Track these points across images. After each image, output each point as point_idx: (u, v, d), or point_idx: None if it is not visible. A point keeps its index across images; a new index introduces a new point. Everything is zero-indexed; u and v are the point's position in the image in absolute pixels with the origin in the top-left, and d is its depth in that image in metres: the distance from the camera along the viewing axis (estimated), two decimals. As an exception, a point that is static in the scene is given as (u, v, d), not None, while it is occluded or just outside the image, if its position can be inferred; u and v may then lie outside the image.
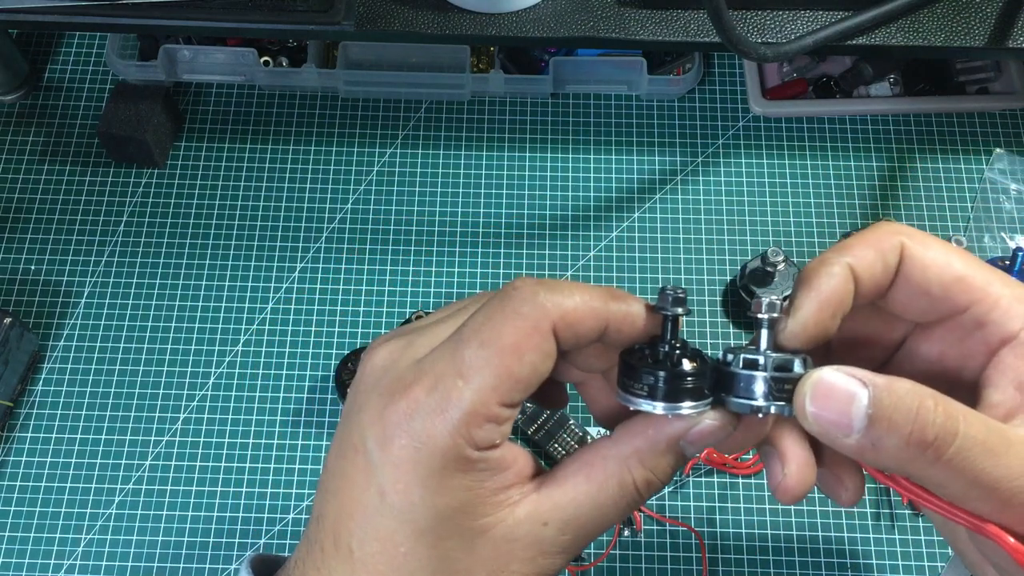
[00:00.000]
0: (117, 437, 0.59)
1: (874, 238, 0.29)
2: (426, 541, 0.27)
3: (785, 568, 0.56)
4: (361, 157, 0.68)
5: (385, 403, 0.28)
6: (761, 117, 0.69)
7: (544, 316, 0.27)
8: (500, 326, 0.27)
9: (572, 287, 0.28)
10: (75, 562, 0.56)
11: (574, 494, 0.29)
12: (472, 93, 0.69)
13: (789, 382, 0.28)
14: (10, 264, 0.64)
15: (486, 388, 0.27)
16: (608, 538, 0.56)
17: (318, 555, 0.29)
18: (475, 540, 0.28)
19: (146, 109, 0.65)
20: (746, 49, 0.49)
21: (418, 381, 0.27)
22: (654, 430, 0.29)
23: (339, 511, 0.29)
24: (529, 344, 0.27)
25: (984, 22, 0.55)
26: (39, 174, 0.67)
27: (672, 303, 0.29)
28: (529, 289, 0.28)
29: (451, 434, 0.27)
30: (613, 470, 0.29)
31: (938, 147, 0.69)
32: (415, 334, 0.30)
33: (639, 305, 0.29)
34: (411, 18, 0.55)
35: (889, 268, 0.29)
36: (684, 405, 0.28)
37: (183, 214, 0.66)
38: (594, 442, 0.30)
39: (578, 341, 0.29)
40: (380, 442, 0.27)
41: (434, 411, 0.27)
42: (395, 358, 0.29)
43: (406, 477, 0.27)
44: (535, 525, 0.28)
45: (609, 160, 0.68)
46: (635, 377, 0.28)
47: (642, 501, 0.29)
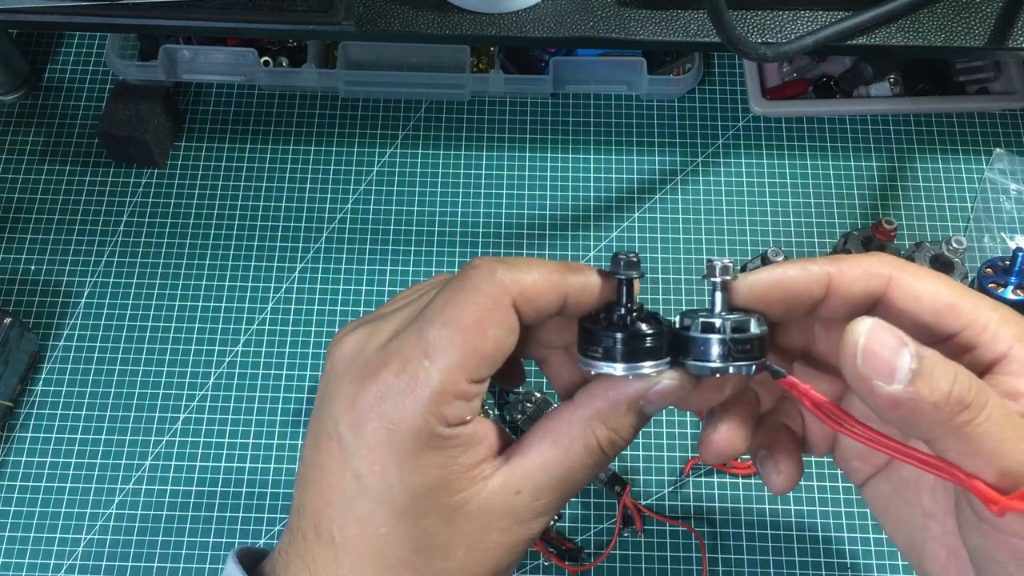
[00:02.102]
0: (117, 437, 0.59)
1: (866, 262, 0.29)
2: (405, 520, 0.28)
3: (785, 568, 0.56)
4: (361, 157, 0.68)
5: (355, 389, 0.28)
6: (761, 117, 0.69)
7: (504, 292, 0.28)
8: (462, 305, 0.28)
9: (530, 263, 0.29)
10: (75, 562, 0.56)
11: (542, 460, 0.30)
12: (472, 93, 0.69)
13: (747, 342, 0.28)
14: (10, 264, 0.64)
15: (452, 366, 0.27)
16: (608, 538, 0.56)
17: (300, 543, 0.29)
18: (453, 515, 0.28)
19: (146, 109, 0.65)
20: (746, 49, 0.49)
21: (386, 365, 0.28)
22: (614, 391, 0.30)
23: (318, 499, 0.29)
24: (491, 320, 0.28)
25: (984, 22, 0.55)
26: (39, 174, 0.67)
27: (625, 267, 0.29)
28: (487, 267, 0.29)
29: (422, 413, 0.27)
30: (577, 432, 0.30)
31: (938, 147, 0.69)
32: (380, 320, 0.30)
33: (596, 274, 0.30)
34: (411, 18, 0.55)
35: (871, 293, 0.29)
36: (643, 365, 0.29)
37: (183, 214, 0.66)
38: (557, 408, 0.31)
39: (539, 314, 0.29)
40: (353, 427, 0.28)
41: (404, 392, 0.27)
42: (362, 345, 0.29)
43: (381, 459, 0.28)
44: (508, 495, 0.29)
45: (609, 160, 0.68)
46: (593, 341, 0.29)
47: (608, 460, 0.30)
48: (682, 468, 0.58)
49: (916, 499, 0.32)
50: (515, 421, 0.58)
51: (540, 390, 0.59)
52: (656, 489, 0.58)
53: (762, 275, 0.29)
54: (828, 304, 0.30)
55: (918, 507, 0.32)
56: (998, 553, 0.27)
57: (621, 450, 0.31)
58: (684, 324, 0.29)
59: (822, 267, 0.29)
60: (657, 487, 0.58)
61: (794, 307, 0.30)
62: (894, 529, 0.33)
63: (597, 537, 0.57)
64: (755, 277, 0.29)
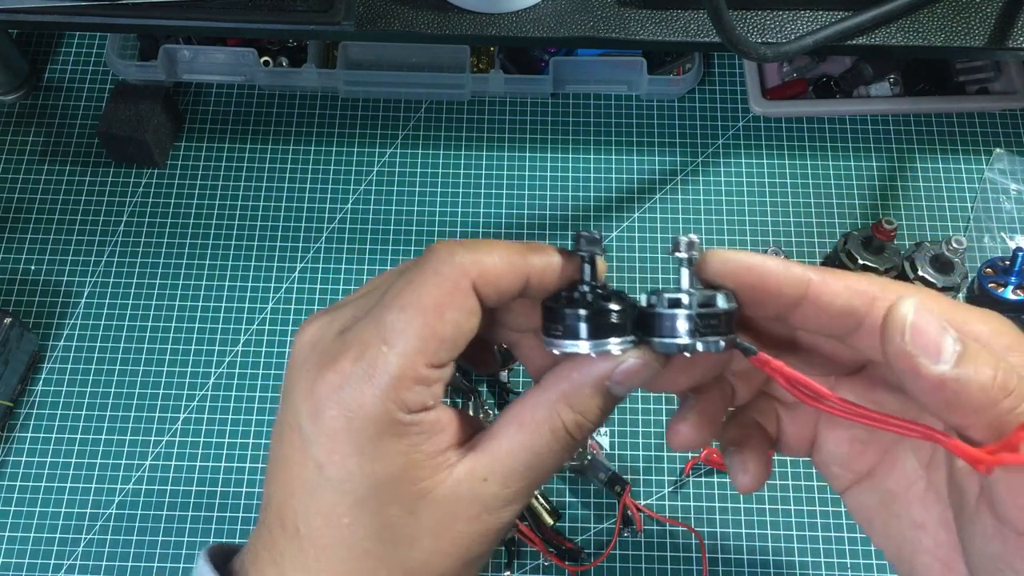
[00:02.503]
0: (117, 437, 0.59)
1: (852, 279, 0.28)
2: (368, 510, 0.28)
3: (785, 568, 0.56)
4: (361, 157, 0.68)
5: (314, 378, 0.28)
6: (761, 117, 0.69)
7: (463, 274, 0.28)
8: (420, 288, 0.28)
9: (490, 244, 0.29)
10: (75, 562, 0.56)
11: (509, 446, 0.29)
12: (472, 93, 0.69)
13: (714, 317, 0.28)
14: (10, 264, 0.64)
15: (411, 351, 0.27)
16: (608, 538, 0.56)
17: (267, 537, 0.29)
18: (417, 504, 0.28)
19: (146, 109, 0.65)
20: (746, 49, 0.49)
21: (344, 352, 0.27)
22: (579, 372, 0.29)
23: (282, 491, 0.29)
24: (451, 303, 0.27)
25: (984, 22, 0.55)
26: (39, 174, 0.67)
27: (587, 244, 0.29)
28: (446, 249, 0.28)
29: (381, 400, 0.27)
30: (543, 417, 0.29)
31: (938, 147, 0.69)
32: (340, 309, 0.30)
33: (558, 253, 0.29)
34: (411, 18, 0.55)
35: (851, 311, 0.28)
36: (607, 342, 0.28)
37: (183, 214, 0.66)
38: (523, 393, 0.30)
39: (501, 296, 0.29)
40: (312, 416, 0.27)
41: (362, 379, 0.27)
42: (321, 333, 0.29)
43: (341, 448, 0.27)
44: (475, 483, 0.28)
45: (609, 160, 0.68)
46: (555, 319, 0.29)
47: (577, 444, 0.30)
48: (682, 468, 0.58)
49: (904, 510, 0.31)
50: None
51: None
52: (656, 489, 0.58)
53: (737, 254, 0.29)
54: (803, 311, 0.29)
55: (907, 518, 0.31)
56: (1019, 560, 0.26)
57: (590, 433, 0.30)
58: (650, 302, 0.29)
59: (804, 271, 0.28)
60: (657, 487, 0.58)
61: (765, 300, 0.29)
62: (881, 539, 0.32)
63: (597, 537, 0.57)
64: (728, 254, 0.29)
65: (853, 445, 0.32)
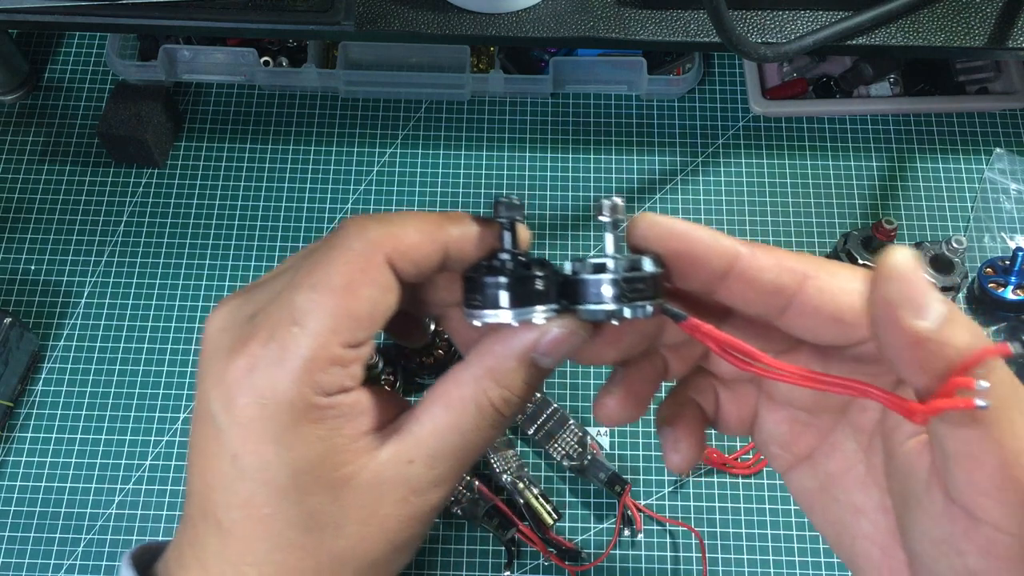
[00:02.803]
0: (117, 437, 0.59)
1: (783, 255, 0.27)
2: (289, 499, 0.26)
3: (785, 568, 0.56)
4: (361, 157, 0.68)
5: (224, 364, 0.26)
6: (761, 117, 0.69)
7: (375, 248, 0.27)
8: (331, 265, 0.26)
9: (404, 216, 0.28)
10: (75, 562, 0.56)
11: (433, 426, 0.28)
12: (472, 93, 0.69)
13: (640, 281, 0.27)
14: (10, 264, 0.64)
15: (324, 331, 0.26)
16: (608, 538, 0.56)
17: (191, 532, 0.28)
18: (340, 490, 0.27)
19: (146, 109, 0.65)
20: (746, 49, 0.49)
21: (254, 335, 0.26)
22: (502, 345, 0.28)
23: (202, 484, 0.27)
24: (363, 280, 0.26)
25: (984, 22, 0.55)
26: (39, 174, 0.67)
27: (506, 210, 0.28)
28: (358, 224, 0.27)
29: (295, 383, 0.26)
30: (468, 393, 0.28)
31: (938, 147, 0.69)
32: (251, 292, 0.29)
33: (476, 222, 0.28)
34: (411, 18, 0.55)
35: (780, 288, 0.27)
36: (529, 310, 0.27)
37: (183, 214, 0.66)
38: (448, 369, 0.29)
39: (419, 270, 0.28)
40: (224, 405, 0.26)
41: (273, 363, 0.26)
42: (232, 317, 0.28)
43: (255, 436, 0.26)
44: (400, 465, 0.27)
45: (609, 160, 0.68)
46: (475, 289, 0.27)
47: (506, 420, 0.29)
48: (682, 468, 0.58)
49: (844, 495, 0.30)
50: (515, 421, 0.58)
51: (540, 390, 0.59)
52: (656, 489, 0.58)
53: (665, 219, 0.28)
54: (730, 285, 0.28)
55: (846, 502, 0.30)
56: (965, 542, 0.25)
57: (518, 408, 0.29)
58: (574, 268, 0.28)
59: (733, 243, 0.27)
60: (657, 487, 0.58)
61: (691, 270, 0.28)
62: (821, 524, 0.31)
63: (597, 537, 0.57)
64: (656, 218, 0.28)
65: (793, 425, 0.31)
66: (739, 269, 0.27)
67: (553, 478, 0.58)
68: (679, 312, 0.27)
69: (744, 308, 0.28)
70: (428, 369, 0.58)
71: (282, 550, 0.27)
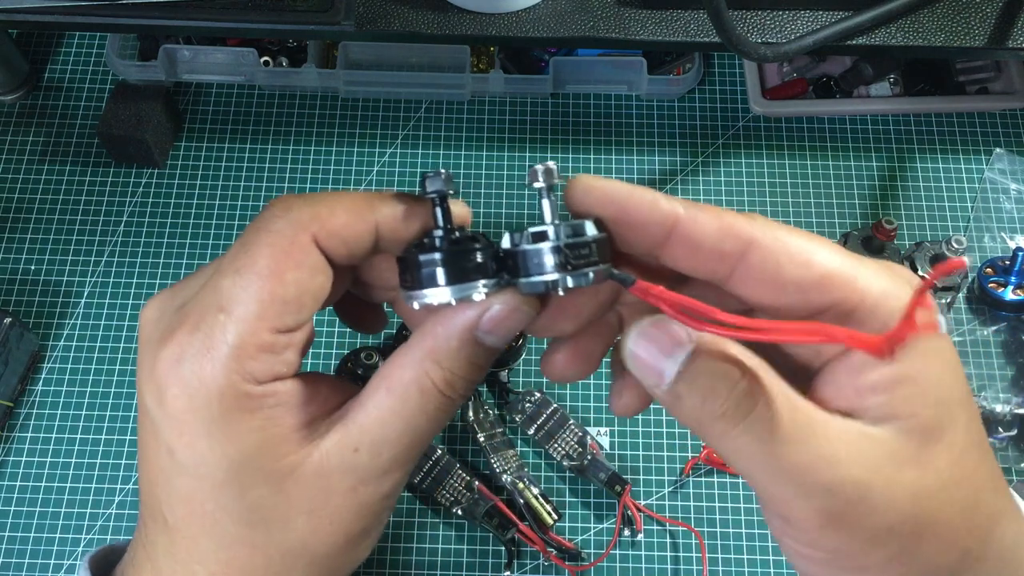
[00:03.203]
0: (117, 437, 0.59)
1: (728, 217, 0.26)
2: (229, 493, 0.25)
3: (785, 568, 0.56)
4: (361, 157, 0.68)
5: (154, 355, 0.26)
6: (761, 117, 0.69)
7: (301, 229, 0.26)
8: (254, 248, 0.25)
9: (333, 196, 0.27)
10: (75, 562, 0.56)
11: (378, 412, 0.27)
12: (472, 93, 0.69)
13: (583, 247, 0.25)
14: (10, 264, 0.64)
15: (250, 317, 0.25)
16: (608, 538, 0.56)
17: (142, 531, 0.28)
18: (283, 482, 0.26)
19: (146, 109, 0.65)
20: (746, 49, 0.49)
21: (181, 324, 0.25)
22: (443, 326, 0.27)
23: (146, 481, 0.27)
24: (288, 263, 0.25)
25: (984, 22, 0.55)
26: (39, 174, 0.67)
27: (433, 184, 0.26)
28: (282, 204, 0.26)
29: (223, 373, 0.25)
30: (411, 377, 0.27)
31: (938, 147, 0.69)
32: (184, 281, 0.28)
33: (408, 200, 0.27)
34: (411, 18, 0.55)
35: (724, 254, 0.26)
36: (467, 286, 0.26)
37: (183, 214, 0.66)
38: (393, 353, 0.28)
39: (351, 251, 0.27)
40: (156, 398, 0.25)
41: (200, 352, 0.25)
42: (164, 308, 0.27)
43: (188, 429, 0.25)
44: (346, 453, 0.26)
45: (609, 160, 0.68)
46: (410, 268, 0.26)
47: (453, 402, 0.27)
48: (682, 468, 0.58)
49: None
50: (515, 421, 0.58)
51: (540, 390, 0.59)
52: (656, 489, 0.58)
53: (600, 181, 0.27)
54: (671, 250, 0.27)
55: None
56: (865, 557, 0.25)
57: (465, 389, 0.27)
58: (513, 240, 0.26)
59: (673, 206, 0.26)
60: (657, 487, 0.58)
61: (631, 235, 0.27)
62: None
63: (597, 537, 0.57)
64: (591, 181, 0.27)
65: None
66: (679, 234, 0.26)
67: (553, 478, 0.58)
68: (627, 276, 0.26)
69: (690, 273, 0.27)
70: None
71: (228, 547, 0.26)
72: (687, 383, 0.25)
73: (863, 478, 0.24)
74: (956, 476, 0.25)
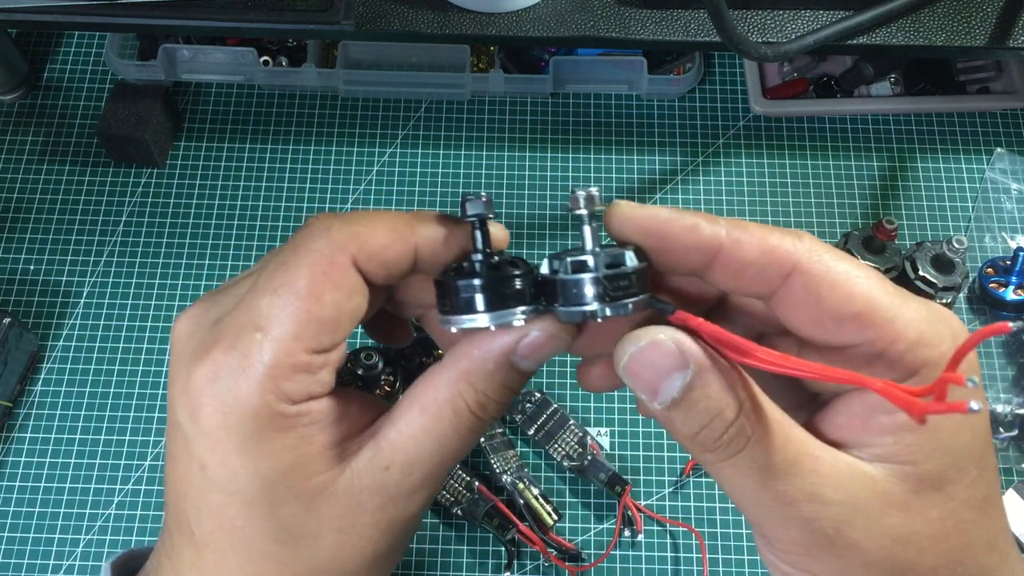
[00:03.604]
0: (117, 437, 0.59)
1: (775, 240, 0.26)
2: (260, 510, 0.26)
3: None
4: (361, 157, 0.68)
5: (188, 371, 0.26)
6: (762, 117, 0.69)
7: (340, 250, 0.26)
8: (294, 268, 0.25)
9: (372, 215, 0.27)
10: (75, 562, 0.56)
11: (410, 431, 0.27)
12: (472, 93, 0.69)
13: (623, 278, 0.25)
14: (9, 264, 0.64)
15: (287, 338, 0.25)
16: (608, 539, 0.56)
17: (168, 541, 0.28)
18: (314, 500, 0.26)
19: (145, 109, 0.65)
20: (747, 49, 0.49)
21: (217, 342, 0.25)
22: (479, 348, 0.27)
23: (175, 494, 0.27)
24: (327, 283, 0.25)
25: (985, 21, 0.55)
26: (38, 174, 0.67)
27: (474, 208, 0.26)
28: (322, 224, 0.26)
29: (258, 392, 0.25)
30: (445, 398, 0.27)
31: (939, 147, 0.68)
32: (217, 296, 0.28)
33: (448, 221, 0.27)
34: (411, 18, 0.55)
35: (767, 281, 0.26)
36: (505, 313, 0.26)
37: (183, 214, 0.66)
38: (424, 372, 0.28)
39: (389, 271, 0.27)
40: (190, 414, 0.26)
41: (236, 370, 0.25)
42: (197, 322, 0.27)
43: (221, 446, 0.25)
44: (377, 472, 0.26)
45: (609, 160, 0.68)
46: (449, 293, 0.26)
47: (484, 423, 0.27)
48: (682, 469, 0.58)
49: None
50: (515, 421, 0.58)
51: (540, 390, 0.59)
52: (656, 490, 0.58)
53: (637, 211, 0.26)
54: (714, 273, 0.27)
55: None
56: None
57: (497, 411, 0.28)
58: (553, 267, 0.26)
59: (714, 232, 0.26)
60: (657, 488, 0.58)
61: (671, 262, 0.27)
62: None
63: (597, 538, 0.57)
64: (629, 211, 0.26)
65: None
66: (722, 259, 0.26)
67: (553, 478, 0.58)
68: (666, 305, 0.26)
69: (733, 292, 0.28)
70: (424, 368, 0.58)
71: (255, 562, 0.26)
72: (682, 413, 0.25)
73: (843, 515, 0.25)
74: (947, 528, 0.25)
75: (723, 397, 0.25)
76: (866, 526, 0.25)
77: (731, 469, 0.25)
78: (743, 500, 0.26)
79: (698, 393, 0.25)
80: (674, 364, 0.25)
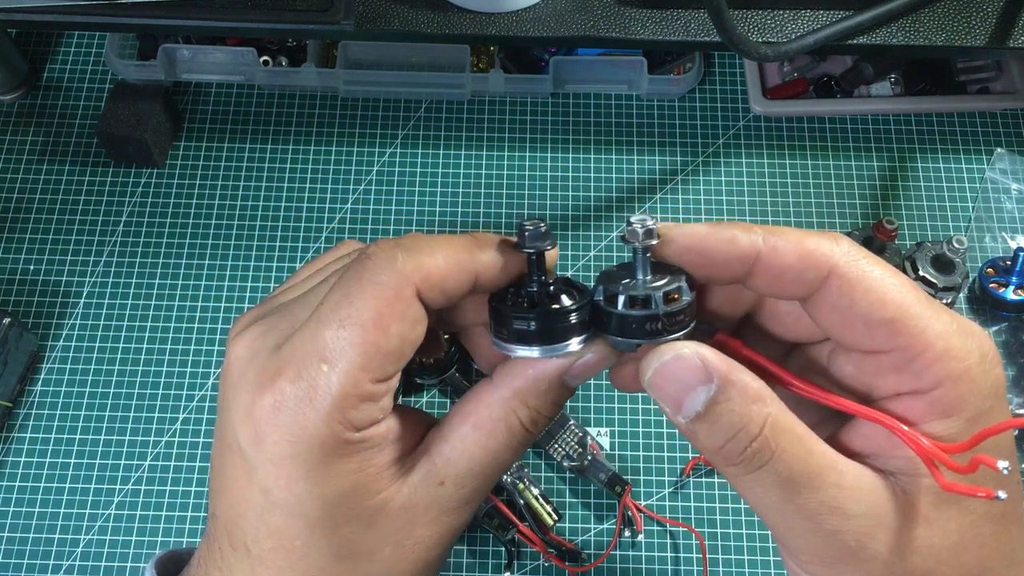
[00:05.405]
0: (117, 437, 0.59)
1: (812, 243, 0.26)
2: (321, 531, 0.26)
3: (785, 569, 0.56)
4: (361, 157, 0.68)
5: (252, 399, 0.26)
6: (762, 117, 0.69)
7: (405, 282, 0.26)
8: (359, 300, 0.26)
9: (433, 242, 0.27)
10: (75, 562, 0.56)
11: (463, 447, 0.28)
12: (472, 93, 0.69)
13: (679, 313, 0.26)
14: (9, 264, 0.64)
15: (353, 369, 0.25)
16: (608, 538, 0.56)
17: (217, 554, 0.28)
18: (374, 518, 0.27)
19: (145, 109, 0.65)
20: (747, 49, 0.49)
21: (282, 372, 0.26)
22: (534, 370, 0.28)
23: (228, 511, 0.27)
24: (392, 315, 0.26)
25: (985, 21, 0.55)
26: (38, 174, 0.67)
27: (531, 239, 0.27)
28: (386, 254, 0.26)
29: (325, 422, 0.25)
30: (499, 414, 0.28)
31: (939, 147, 0.68)
32: (275, 316, 0.28)
33: (506, 248, 0.28)
34: (411, 18, 0.55)
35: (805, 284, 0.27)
36: (560, 345, 0.27)
37: (183, 214, 0.66)
38: (474, 389, 0.29)
39: (449, 298, 0.27)
40: (253, 441, 0.26)
41: (302, 402, 0.25)
42: (257, 347, 0.27)
43: (287, 473, 0.26)
44: (432, 487, 0.28)
45: (609, 160, 0.68)
46: (506, 323, 0.27)
47: (533, 438, 0.29)
48: (682, 469, 0.58)
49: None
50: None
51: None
52: (656, 490, 0.58)
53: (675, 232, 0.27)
54: (753, 281, 0.27)
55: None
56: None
57: (545, 425, 0.29)
58: (608, 293, 0.27)
59: (751, 240, 0.26)
60: (657, 488, 0.58)
61: (713, 275, 0.28)
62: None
63: (597, 538, 0.57)
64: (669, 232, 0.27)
65: None
66: (760, 267, 0.27)
67: (553, 478, 0.58)
68: (709, 327, 0.27)
69: (771, 296, 0.28)
70: (428, 369, 0.58)
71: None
72: (706, 427, 0.26)
73: (866, 528, 0.25)
74: (966, 541, 0.26)
75: (747, 411, 0.25)
76: (888, 539, 0.25)
77: (755, 482, 0.26)
78: (766, 512, 0.27)
79: (722, 407, 0.25)
80: (698, 379, 0.25)
